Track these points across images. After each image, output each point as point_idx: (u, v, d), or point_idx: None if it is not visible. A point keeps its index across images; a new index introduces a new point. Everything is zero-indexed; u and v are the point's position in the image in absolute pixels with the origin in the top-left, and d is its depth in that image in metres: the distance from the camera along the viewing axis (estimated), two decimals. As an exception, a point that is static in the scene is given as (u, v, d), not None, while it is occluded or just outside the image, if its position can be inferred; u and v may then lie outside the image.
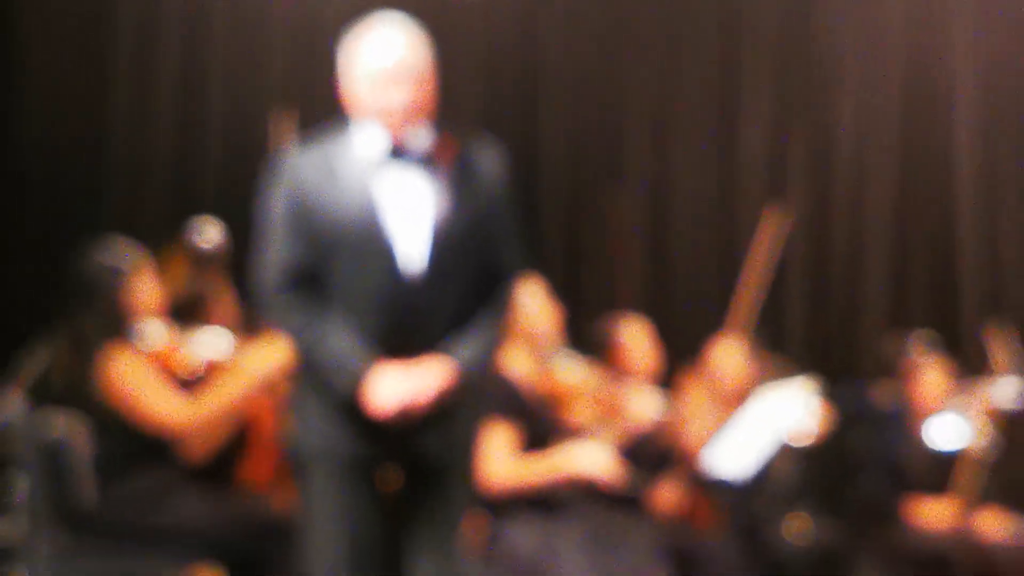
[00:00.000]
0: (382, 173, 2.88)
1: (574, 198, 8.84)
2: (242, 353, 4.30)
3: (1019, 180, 9.06)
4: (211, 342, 4.35)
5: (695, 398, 5.40)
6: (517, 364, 4.16)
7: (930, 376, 5.99)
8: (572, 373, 4.52)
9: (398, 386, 2.74)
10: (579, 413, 4.38)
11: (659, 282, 8.26)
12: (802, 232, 8.62)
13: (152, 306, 4.34)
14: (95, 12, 8.63)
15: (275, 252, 2.90)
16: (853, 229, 8.97)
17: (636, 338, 5.34)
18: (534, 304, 4.39)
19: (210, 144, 8.41)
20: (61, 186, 8.12)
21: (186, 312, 4.66)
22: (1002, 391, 5.96)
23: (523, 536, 4.04)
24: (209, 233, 5.47)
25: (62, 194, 8.12)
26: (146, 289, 4.27)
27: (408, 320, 2.79)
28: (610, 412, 4.60)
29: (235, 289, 5.00)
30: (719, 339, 5.69)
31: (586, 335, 5.44)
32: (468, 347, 2.81)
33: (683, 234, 8.86)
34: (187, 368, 4.19)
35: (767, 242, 6.29)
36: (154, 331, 4.26)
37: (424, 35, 2.96)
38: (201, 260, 5.40)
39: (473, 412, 3.09)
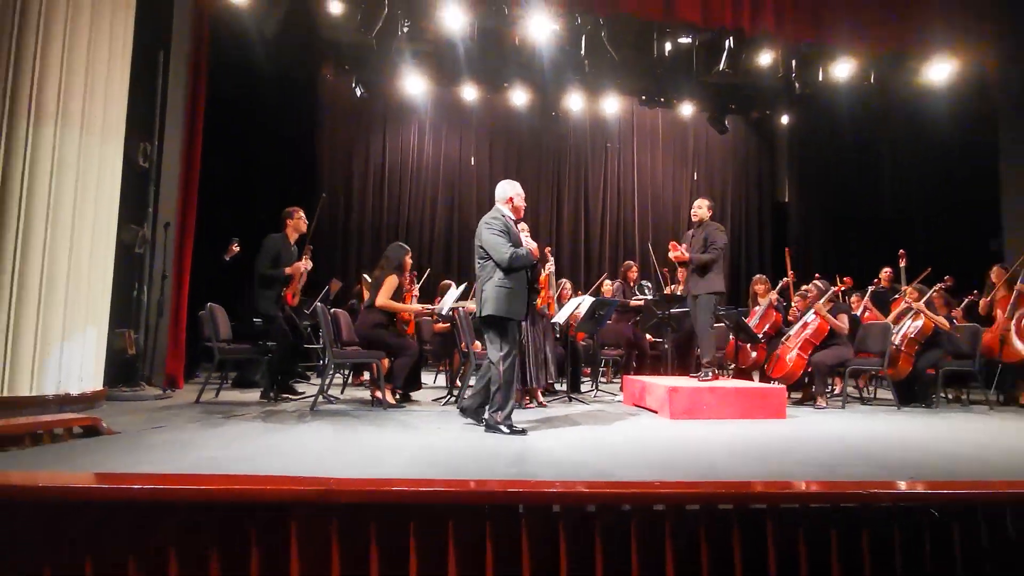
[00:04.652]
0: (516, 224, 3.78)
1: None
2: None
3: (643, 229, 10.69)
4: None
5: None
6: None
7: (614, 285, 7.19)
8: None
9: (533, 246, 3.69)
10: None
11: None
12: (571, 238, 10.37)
13: (407, 265, 4.98)
14: (347, 157, 9.77)
15: (504, 244, 3.60)
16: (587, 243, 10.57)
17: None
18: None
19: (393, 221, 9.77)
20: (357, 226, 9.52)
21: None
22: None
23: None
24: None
25: (359, 229, 9.55)
26: (407, 259, 4.96)
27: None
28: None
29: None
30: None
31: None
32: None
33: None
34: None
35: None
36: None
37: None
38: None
39: None
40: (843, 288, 5.76)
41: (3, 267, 3.84)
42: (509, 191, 3.84)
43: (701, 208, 5.12)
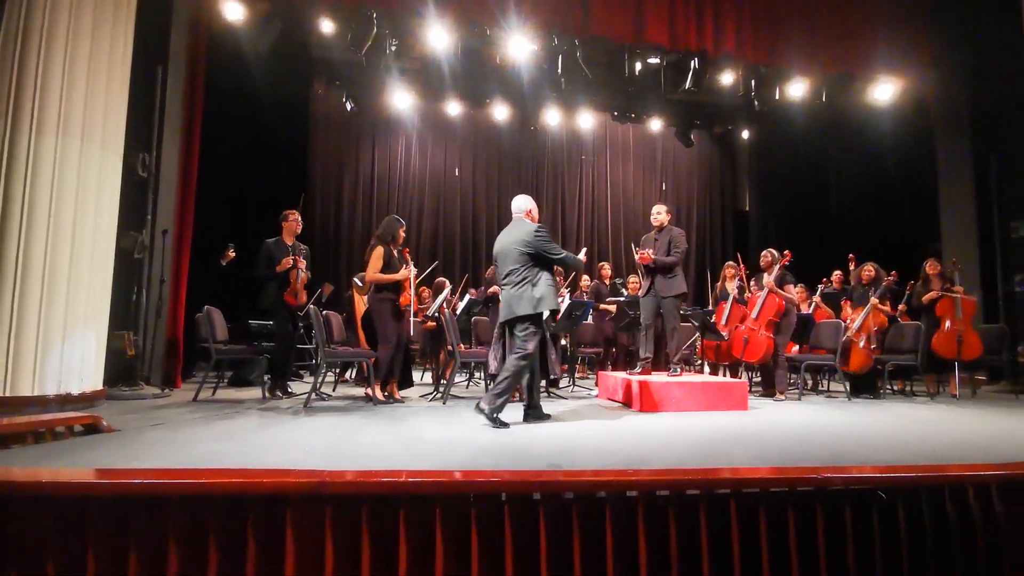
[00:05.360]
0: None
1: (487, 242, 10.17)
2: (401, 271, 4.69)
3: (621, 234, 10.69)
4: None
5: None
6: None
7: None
8: None
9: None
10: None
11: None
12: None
13: (400, 239, 4.79)
14: (338, 168, 9.67)
15: (554, 243, 3.73)
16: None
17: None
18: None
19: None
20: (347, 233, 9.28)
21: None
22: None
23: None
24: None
25: (349, 236, 9.32)
26: (400, 232, 4.77)
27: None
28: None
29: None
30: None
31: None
32: None
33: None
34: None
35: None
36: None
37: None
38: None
39: None
40: (785, 262, 5.70)
41: (5, 272, 3.76)
42: (528, 204, 3.92)
43: (660, 214, 5.07)
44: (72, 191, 4.00)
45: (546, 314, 3.63)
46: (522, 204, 3.94)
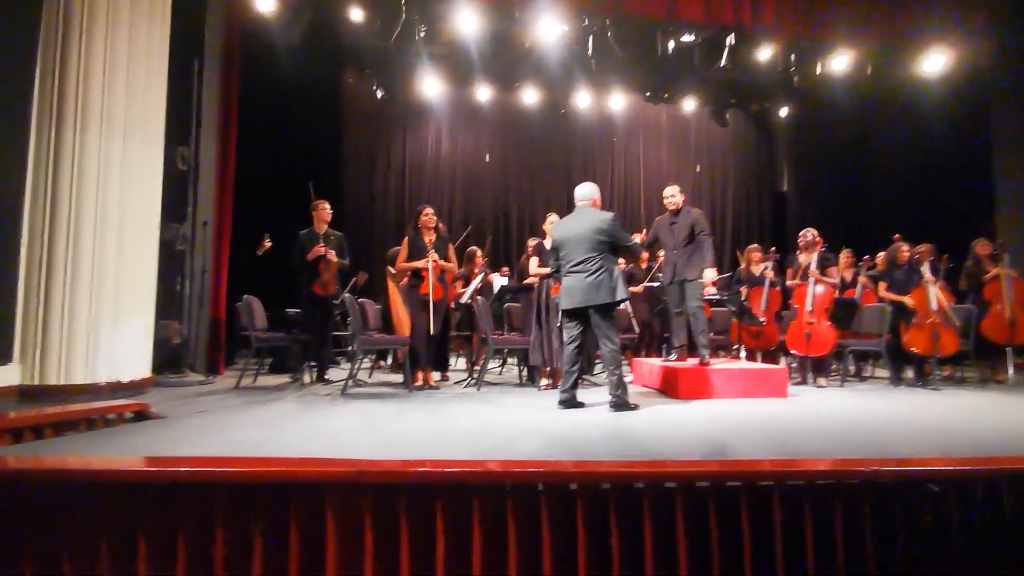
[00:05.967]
0: None
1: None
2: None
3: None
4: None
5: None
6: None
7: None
8: None
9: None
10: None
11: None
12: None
13: (429, 225, 4.88)
14: (369, 156, 9.72)
15: (629, 236, 3.83)
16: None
17: None
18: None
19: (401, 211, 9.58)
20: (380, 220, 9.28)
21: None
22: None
23: None
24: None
25: (383, 223, 9.26)
26: (422, 217, 4.90)
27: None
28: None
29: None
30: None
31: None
32: None
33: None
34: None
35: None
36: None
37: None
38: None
39: None
40: (820, 249, 5.48)
41: (56, 265, 3.91)
42: (595, 192, 3.92)
43: (675, 196, 4.75)
44: (116, 185, 4.13)
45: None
46: (588, 192, 3.89)
